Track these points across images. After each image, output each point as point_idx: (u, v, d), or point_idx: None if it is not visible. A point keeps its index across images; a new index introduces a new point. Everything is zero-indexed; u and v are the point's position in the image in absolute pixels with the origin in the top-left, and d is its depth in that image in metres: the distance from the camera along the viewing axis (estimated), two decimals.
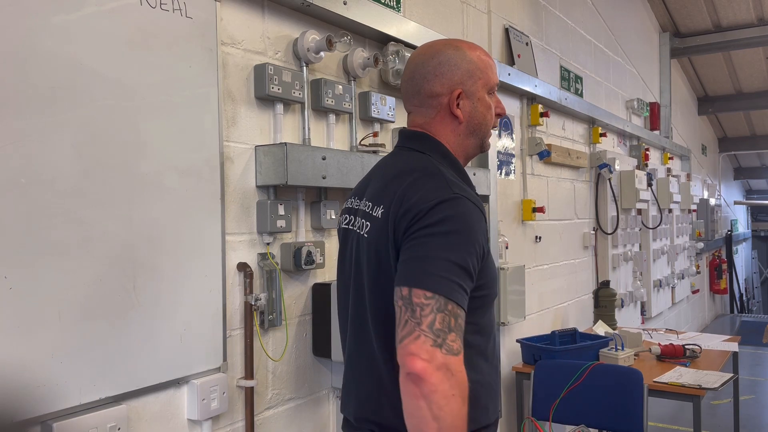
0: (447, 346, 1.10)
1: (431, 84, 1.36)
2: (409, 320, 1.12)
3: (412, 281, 1.14)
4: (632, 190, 4.91)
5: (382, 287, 1.26)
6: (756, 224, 15.64)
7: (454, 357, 1.10)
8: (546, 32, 4.06)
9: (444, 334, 1.10)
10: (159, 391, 1.73)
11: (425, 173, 1.28)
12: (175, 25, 1.76)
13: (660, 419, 4.34)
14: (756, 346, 7.51)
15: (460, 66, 1.35)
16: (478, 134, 1.40)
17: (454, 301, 1.13)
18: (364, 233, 1.34)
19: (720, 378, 2.84)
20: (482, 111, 1.38)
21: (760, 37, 6.69)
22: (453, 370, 1.10)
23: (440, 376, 1.08)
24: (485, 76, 1.38)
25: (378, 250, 1.28)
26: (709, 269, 9.12)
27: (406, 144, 1.42)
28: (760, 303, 15.21)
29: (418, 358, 1.09)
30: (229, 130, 1.95)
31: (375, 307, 1.30)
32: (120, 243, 1.60)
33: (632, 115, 5.82)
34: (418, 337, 1.10)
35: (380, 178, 1.38)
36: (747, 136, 10.75)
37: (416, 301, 1.12)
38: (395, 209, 1.25)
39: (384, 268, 1.26)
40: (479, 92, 1.37)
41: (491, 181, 3.12)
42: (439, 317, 1.11)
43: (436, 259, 1.15)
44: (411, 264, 1.17)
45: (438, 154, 1.36)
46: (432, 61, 1.37)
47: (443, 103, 1.36)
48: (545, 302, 3.93)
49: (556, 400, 2.70)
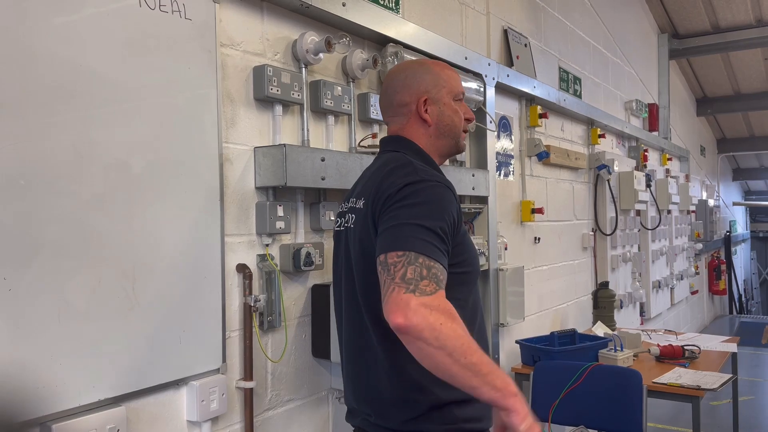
0: (419, 290, 1.17)
1: (401, 95, 1.54)
2: (386, 280, 1.21)
3: (385, 247, 1.25)
4: (631, 191, 4.91)
5: (370, 272, 1.34)
6: (755, 225, 15.65)
7: (429, 296, 1.17)
8: (545, 33, 4.07)
9: (416, 281, 1.18)
10: (158, 392, 1.72)
11: (397, 164, 1.42)
12: (174, 26, 1.76)
13: (659, 420, 4.35)
14: (755, 347, 7.51)
15: (425, 77, 1.54)
16: (449, 135, 1.55)
17: (425, 254, 1.21)
18: (351, 225, 1.47)
19: (719, 379, 2.84)
20: (449, 114, 1.54)
21: (758, 38, 6.71)
22: (431, 305, 1.16)
23: (420, 316, 1.14)
24: (449, 85, 1.55)
25: (362, 237, 1.40)
26: (708, 270, 9.13)
27: (385, 148, 1.58)
28: (759, 304, 15.21)
29: (395, 312, 1.16)
30: (228, 131, 1.95)
31: (364, 288, 1.41)
32: (119, 244, 1.60)
33: (631, 116, 5.82)
34: (393, 290, 1.18)
35: (364, 178, 1.54)
36: (746, 137, 10.77)
37: (390, 261, 1.22)
38: (373, 197, 1.38)
39: (367, 251, 1.37)
40: (444, 98, 1.54)
41: (490, 182, 3.12)
42: (410, 269, 1.19)
43: (405, 224, 1.26)
44: (384, 234, 1.28)
45: (411, 151, 1.51)
46: (400, 76, 1.56)
47: (412, 110, 1.53)
48: (544, 303, 3.93)
49: (555, 401, 2.70)
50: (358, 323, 1.46)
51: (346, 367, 1.55)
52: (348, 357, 1.53)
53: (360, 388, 1.48)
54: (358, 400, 1.50)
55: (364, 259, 1.40)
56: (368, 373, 1.44)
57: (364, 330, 1.44)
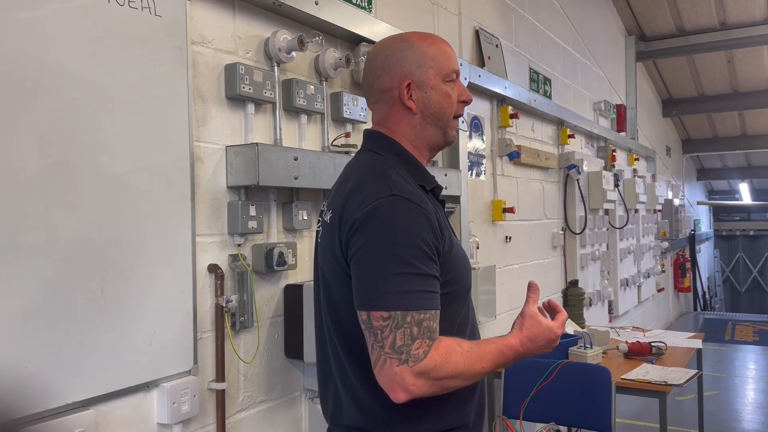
0: (412, 357, 1.13)
1: (381, 79, 1.34)
2: (374, 345, 1.15)
3: (368, 304, 1.16)
4: (600, 190, 4.99)
5: (339, 289, 1.26)
6: (718, 224, 16.06)
7: (423, 361, 1.13)
8: (515, 34, 4.11)
9: (407, 347, 1.13)
10: (128, 395, 1.70)
11: (366, 175, 1.27)
12: (143, 23, 1.74)
13: (627, 416, 4.43)
14: (719, 343, 7.71)
15: (407, 57, 1.32)
16: (437, 124, 1.35)
17: (413, 310, 1.14)
18: (320, 239, 1.36)
19: (685, 374, 2.90)
20: (437, 99, 1.33)
21: (722, 42, 6.87)
22: (426, 370, 1.13)
23: (420, 388, 1.13)
24: (437, 63, 1.33)
25: (328, 254, 1.28)
26: (674, 268, 9.33)
27: (366, 145, 1.41)
28: (722, 301, 15.61)
29: (395, 390, 1.13)
30: (200, 129, 1.93)
31: (331, 310, 1.30)
32: (87, 244, 1.57)
33: (599, 117, 5.92)
34: (385, 362, 1.14)
35: (338, 182, 1.38)
36: (709, 137, 11.03)
37: (375, 324, 1.15)
38: (338, 216, 1.25)
39: (337, 272, 1.26)
40: (431, 80, 1.32)
41: (462, 182, 3.14)
42: (398, 335, 1.13)
43: (383, 276, 1.15)
44: (362, 286, 1.18)
45: (391, 152, 1.34)
46: (379, 56, 1.35)
47: (395, 97, 1.33)
48: (515, 301, 3.97)
49: (526, 399, 2.73)
50: (329, 337, 1.34)
51: (318, 382, 1.44)
52: (319, 370, 1.42)
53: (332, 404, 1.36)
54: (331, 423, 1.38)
55: (334, 277, 1.27)
56: (341, 387, 1.32)
57: (333, 345, 1.32)
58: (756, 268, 16.38)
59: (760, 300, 16.06)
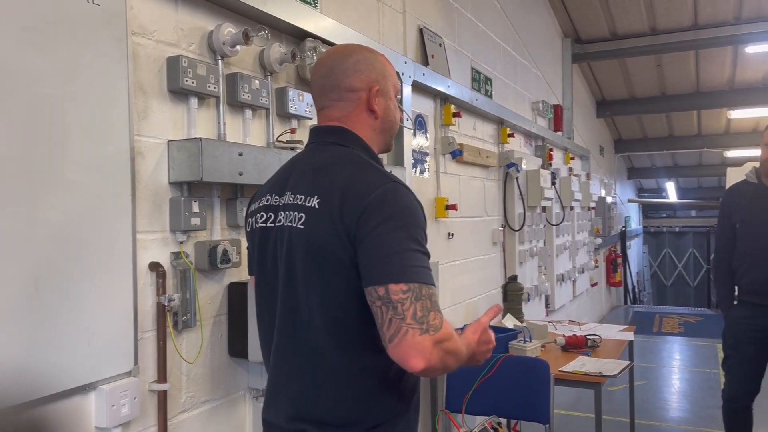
0: (431, 326, 1.20)
1: (351, 79, 1.42)
2: (393, 318, 1.20)
3: (386, 278, 1.21)
4: (538, 188, 5.12)
5: (330, 275, 1.29)
6: (647, 221, 16.79)
7: (440, 331, 1.21)
8: (458, 34, 4.16)
9: (426, 318, 1.20)
10: (64, 398, 1.63)
11: (360, 165, 1.35)
12: (80, 11, 1.67)
13: (564, 407, 4.57)
14: (647, 335, 8.06)
15: (376, 66, 1.44)
16: (389, 131, 1.49)
17: (425, 283, 1.22)
18: (298, 225, 1.33)
19: (618, 366, 3.02)
20: (393, 110, 1.48)
21: (651, 46, 7.17)
22: (443, 339, 1.21)
23: (437, 358, 1.19)
24: (393, 79, 1.48)
25: (319, 241, 1.29)
26: (606, 263, 9.68)
27: (325, 139, 1.44)
28: (650, 294, 16.35)
29: (415, 357, 1.18)
30: (140, 123, 1.87)
31: (320, 295, 1.31)
32: (20, 241, 1.50)
33: (538, 117, 6.07)
34: (407, 333, 1.19)
35: (303, 171, 1.39)
36: (640, 138, 11.50)
37: (395, 298, 1.20)
38: (339, 201, 1.28)
39: (330, 257, 1.28)
40: (390, 92, 1.47)
41: (407, 179, 3.16)
42: (419, 306, 1.20)
43: (400, 252, 1.22)
44: (379, 262, 1.23)
45: (359, 147, 1.42)
46: (350, 59, 1.43)
47: (362, 98, 1.42)
48: (457, 297, 4.03)
49: (468, 392, 2.78)
50: (301, 326, 1.34)
51: (276, 377, 1.42)
52: (280, 364, 1.40)
53: (297, 397, 1.36)
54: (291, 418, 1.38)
55: (324, 263, 1.29)
56: (314, 376, 1.34)
57: (310, 333, 1.33)
58: (681, 263, 17.23)
59: (684, 293, 16.90)
